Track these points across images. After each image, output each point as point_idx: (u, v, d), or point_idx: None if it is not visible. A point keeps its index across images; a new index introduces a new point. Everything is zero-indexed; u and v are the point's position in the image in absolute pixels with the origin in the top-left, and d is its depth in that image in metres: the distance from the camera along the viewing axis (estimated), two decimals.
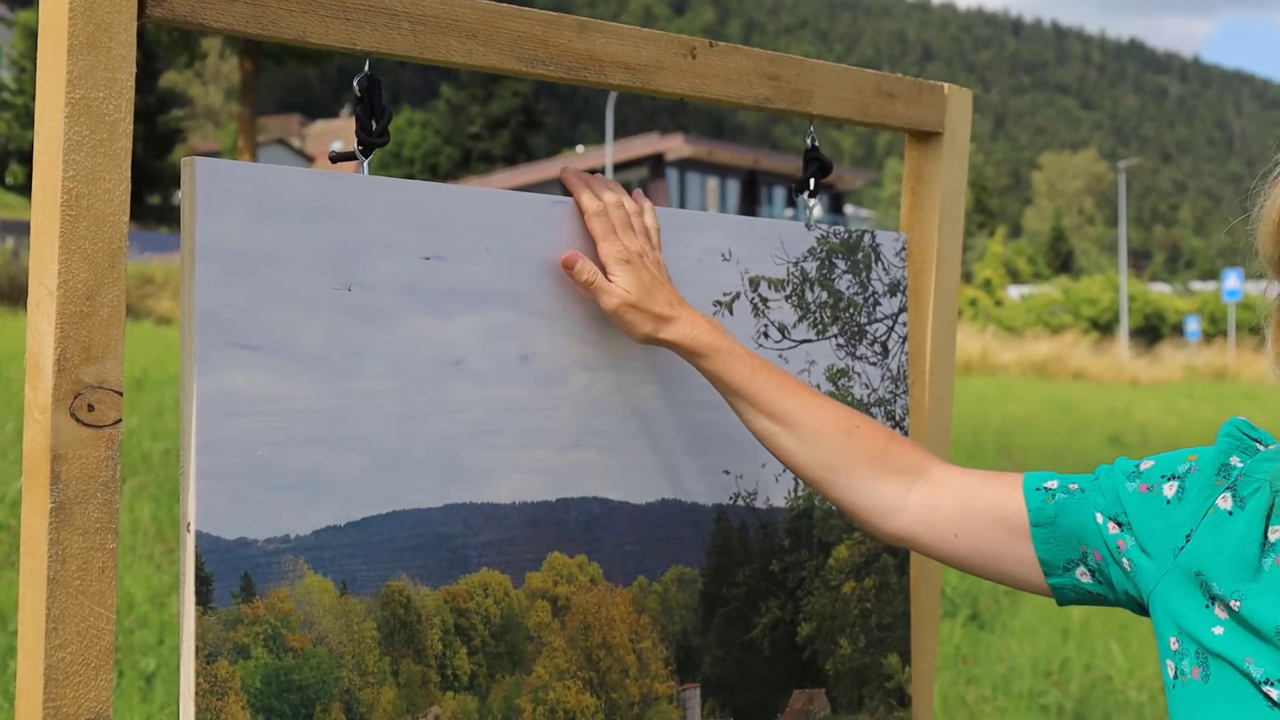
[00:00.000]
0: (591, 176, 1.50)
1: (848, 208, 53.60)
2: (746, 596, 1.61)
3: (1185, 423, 16.01)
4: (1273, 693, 1.13)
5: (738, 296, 1.61)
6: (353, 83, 1.33)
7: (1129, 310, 41.52)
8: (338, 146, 1.44)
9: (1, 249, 17.63)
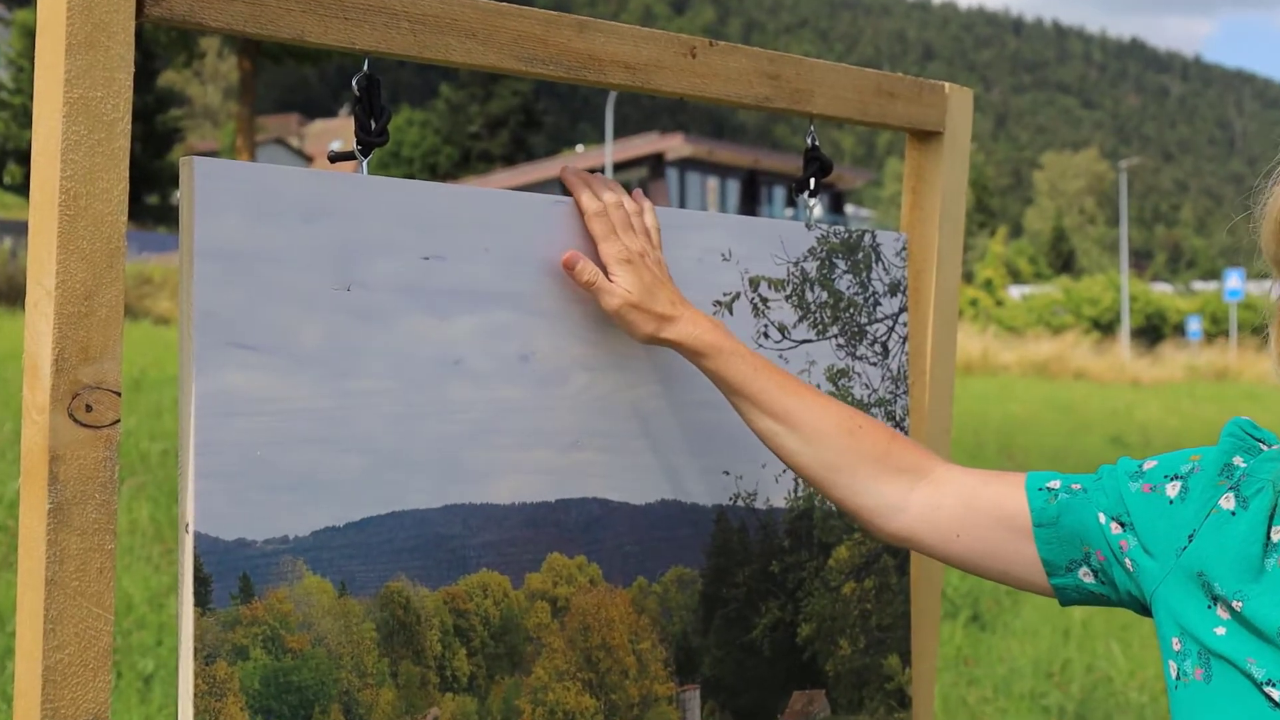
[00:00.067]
0: (591, 176, 1.50)
1: (848, 207, 53.58)
2: (746, 597, 1.61)
3: (1187, 423, 15.99)
4: (1274, 693, 1.13)
5: (738, 296, 1.61)
6: (352, 82, 1.33)
7: (1130, 310, 41.51)
8: (337, 146, 1.43)
9: None
